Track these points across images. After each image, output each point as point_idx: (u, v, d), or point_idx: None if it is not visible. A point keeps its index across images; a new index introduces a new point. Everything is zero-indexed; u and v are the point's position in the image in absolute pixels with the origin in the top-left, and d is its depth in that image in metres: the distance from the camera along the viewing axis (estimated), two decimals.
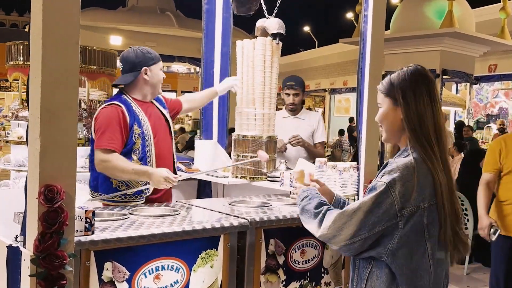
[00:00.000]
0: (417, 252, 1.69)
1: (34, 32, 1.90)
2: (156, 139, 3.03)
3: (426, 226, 1.68)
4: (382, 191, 1.68)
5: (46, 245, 1.84)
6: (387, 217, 1.67)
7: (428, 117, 1.72)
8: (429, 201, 1.68)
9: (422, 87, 1.74)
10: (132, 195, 2.92)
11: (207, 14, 4.09)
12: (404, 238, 1.67)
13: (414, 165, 1.69)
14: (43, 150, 1.86)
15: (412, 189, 1.66)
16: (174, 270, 2.30)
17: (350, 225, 1.71)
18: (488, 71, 12.75)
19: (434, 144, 1.70)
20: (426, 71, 1.81)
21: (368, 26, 2.94)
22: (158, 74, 3.08)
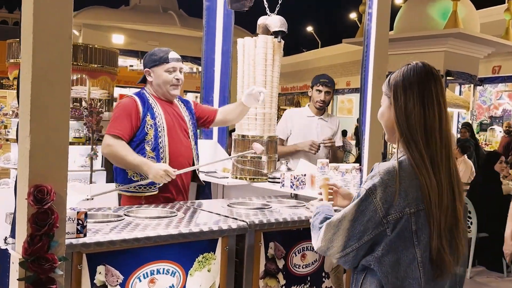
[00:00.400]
0: (406, 260, 1.59)
1: (25, 25, 1.82)
2: (171, 134, 3.05)
3: (415, 232, 1.58)
4: (363, 198, 1.62)
5: (35, 248, 1.77)
6: (373, 225, 1.60)
7: (416, 117, 1.61)
8: (416, 206, 1.58)
9: (415, 86, 1.63)
10: (146, 185, 2.97)
11: (208, 12, 4.02)
12: (390, 244, 1.59)
13: (396, 169, 1.59)
14: (33, 149, 1.79)
15: (394, 194, 1.57)
16: (169, 274, 2.22)
17: (338, 236, 1.66)
18: (492, 72, 12.64)
19: (422, 146, 1.60)
20: (428, 69, 1.68)
21: (372, 24, 2.87)
22: (161, 75, 3.06)
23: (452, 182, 1.64)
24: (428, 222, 1.58)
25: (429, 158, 1.60)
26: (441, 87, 1.69)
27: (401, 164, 1.62)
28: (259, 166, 3.39)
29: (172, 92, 3.10)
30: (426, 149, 1.60)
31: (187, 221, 2.41)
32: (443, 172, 1.62)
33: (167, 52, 3.10)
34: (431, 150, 1.62)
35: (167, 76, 3.06)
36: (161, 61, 3.07)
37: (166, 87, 3.08)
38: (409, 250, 1.59)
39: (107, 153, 2.96)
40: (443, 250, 1.59)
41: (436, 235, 1.58)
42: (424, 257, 1.60)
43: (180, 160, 3.06)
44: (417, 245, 1.59)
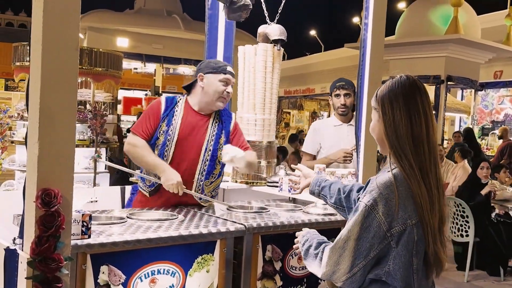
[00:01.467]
0: (408, 269, 1.66)
1: (34, 37, 1.93)
2: (180, 147, 2.99)
3: (416, 243, 1.64)
4: (366, 215, 1.64)
5: (42, 248, 1.87)
6: (378, 240, 1.64)
7: (403, 127, 1.67)
8: (416, 217, 1.64)
9: (400, 98, 1.69)
10: (149, 185, 3.06)
11: (210, 20, 4.11)
12: (397, 257, 1.64)
13: (393, 182, 1.65)
14: (41, 155, 1.89)
15: (395, 207, 1.62)
16: (170, 274, 2.32)
17: (345, 257, 1.67)
18: (493, 77, 12.71)
19: (412, 156, 1.66)
20: (412, 81, 1.74)
21: (368, 34, 2.96)
22: (214, 83, 3.00)
23: (439, 187, 1.72)
24: (423, 230, 1.64)
25: (419, 167, 1.67)
26: (426, 98, 1.75)
27: (397, 176, 1.67)
28: (258, 171, 3.48)
29: (218, 103, 3.03)
30: (415, 158, 1.67)
31: (187, 224, 2.50)
32: (432, 179, 1.69)
33: (226, 65, 3.10)
34: (420, 159, 1.68)
35: (219, 85, 3.00)
36: (219, 70, 3.02)
37: (215, 97, 3.00)
38: (409, 259, 1.66)
39: (127, 150, 3.03)
40: (439, 251, 1.68)
41: (432, 240, 1.65)
42: (419, 265, 1.67)
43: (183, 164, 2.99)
44: (415, 254, 1.65)
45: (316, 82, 20.52)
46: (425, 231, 1.65)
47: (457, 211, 5.79)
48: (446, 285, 5.47)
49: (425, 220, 1.64)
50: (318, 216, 2.85)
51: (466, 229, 5.72)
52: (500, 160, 9.62)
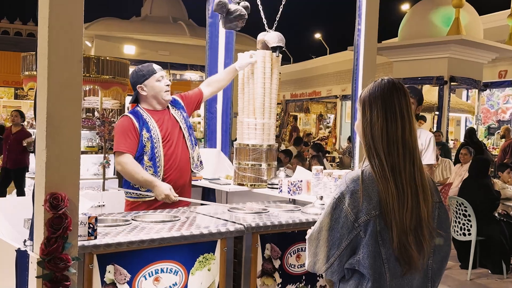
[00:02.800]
0: (377, 258, 1.76)
1: (40, 51, 2.05)
2: (167, 143, 3.34)
3: (379, 233, 1.73)
4: (334, 206, 1.77)
5: (51, 249, 1.99)
6: (347, 230, 1.74)
7: (378, 128, 1.76)
8: (379, 209, 1.74)
9: (379, 99, 1.79)
10: (145, 191, 3.27)
11: (211, 28, 4.25)
12: (366, 246, 1.74)
13: (360, 177, 1.76)
14: (48, 161, 2.01)
15: (359, 199, 1.73)
16: (172, 273, 2.43)
17: (320, 247, 1.79)
18: (498, 77, 12.74)
19: (383, 155, 1.75)
20: (391, 83, 1.83)
21: (361, 39, 3.07)
22: (154, 86, 3.36)
23: (417, 185, 1.80)
24: (385, 221, 1.74)
25: (390, 165, 1.76)
26: (405, 100, 1.84)
27: (365, 172, 1.78)
28: (259, 173, 3.60)
29: (166, 97, 3.40)
30: (387, 157, 1.76)
31: (189, 225, 2.62)
32: (405, 177, 1.77)
33: (151, 65, 3.42)
34: (393, 158, 1.77)
35: (159, 84, 3.36)
36: (150, 74, 3.35)
37: (161, 94, 3.37)
38: (376, 249, 1.76)
39: (120, 170, 3.30)
40: (409, 247, 1.74)
41: (398, 234, 1.73)
42: (388, 255, 1.76)
43: (175, 166, 3.37)
44: (381, 244, 1.75)
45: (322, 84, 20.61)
46: (390, 224, 1.73)
47: (459, 210, 5.86)
48: (449, 283, 5.55)
49: (390, 215, 1.72)
50: (315, 215, 2.95)
51: (468, 228, 5.80)
52: (503, 159, 9.67)
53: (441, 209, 1.91)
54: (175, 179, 3.36)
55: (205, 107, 4.29)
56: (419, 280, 1.86)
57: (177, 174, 3.38)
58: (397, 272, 1.78)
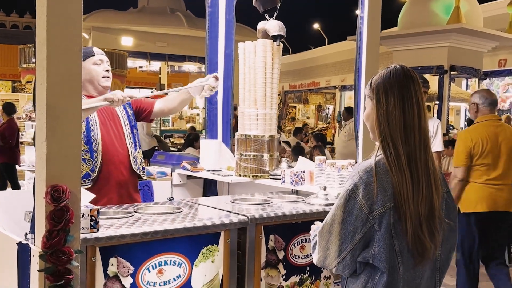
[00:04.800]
0: (391, 251, 1.72)
1: (39, 40, 2.01)
2: (104, 127, 3.07)
3: (393, 225, 1.70)
4: (347, 198, 1.72)
5: (53, 242, 1.96)
6: (361, 223, 1.70)
7: (396, 115, 1.72)
8: (394, 200, 1.70)
9: (395, 86, 1.75)
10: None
11: (211, 17, 4.19)
12: (382, 240, 1.70)
13: (373, 167, 1.72)
14: (49, 153, 1.98)
15: (374, 191, 1.69)
16: (176, 265, 2.41)
17: (332, 241, 1.74)
18: (498, 66, 12.72)
19: (400, 144, 1.72)
20: (405, 70, 1.80)
21: (364, 27, 3.03)
22: (90, 69, 3.08)
23: (429, 173, 1.78)
24: (399, 214, 1.70)
25: (407, 154, 1.73)
26: (419, 88, 1.82)
27: (379, 162, 1.74)
28: (261, 164, 3.56)
29: (104, 84, 3.14)
30: (404, 146, 1.73)
31: (192, 216, 2.59)
32: (420, 166, 1.75)
33: (91, 47, 3.15)
34: (410, 146, 1.74)
35: (96, 68, 3.10)
36: (87, 55, 3.06)
37: (98, 79, 3.10)
38: (390, 241, 1.73)
39: None
40: (423, 237, 1.71)
41: (412, 225, 1.69)
42: (402, 247, 1.73)
43: (114, 153, 3.11)
44: (395, 237, 1.71)
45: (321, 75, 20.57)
46: (404, 216, 1.70)
47: None
48: (451, 272, 5.53)
49: (404, 206, 1.69)
50: (319, 206, 2.93)
51: None
52: None
53: (449, 198, 1.88)
54: (116, 171, 3.10)
55: (205, 98, 4.24)
56: (429, 272, 1.84)
57: (118, 165, 3.12)
58: (409, 264, 1.75)
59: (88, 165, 3.02)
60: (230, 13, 4.16)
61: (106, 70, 3.13)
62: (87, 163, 3.02)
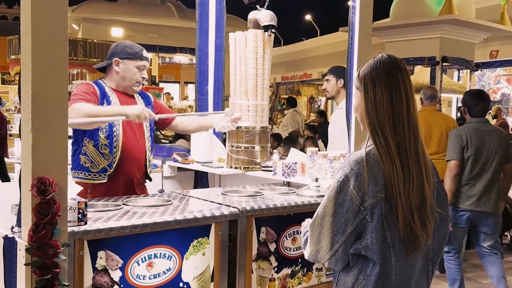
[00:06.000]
0: (383, 242, 1.70)
1: (23, 29, 1.96)
2: (125, 124, 3.05)
3: (384, 216, 1.68)
4: (338, 190, 1.69)
5: (39, 235, 1.92)
6: (353, 214, 1.68)
7: (384, 104, 1.70)
8: (385, 191, 1.68)
9: (382, 76, 1.72)
10: (96, 172, 3.02)
11: (201, 7, 4.14)
12: (374, 231, 1.68)
13: (363, 158, 1.69)
14: (35, 144, 1.93)
15: (365, 182, 1.67)
16: (166, 258, 2.37)
17: (324, 234, 1.72)
18: (489, 57, 12.69)
19: (389, 133, 1.69)
20: (392, 59, 1.77)
21: (356, 17, 2.99)
22: (131, 70, 3.09)
23: (420, 163, 1.75)
24: (391, 204, 1.68)
25: (396, 143, 1.70)
26: (407, 77, 1.79)
27: (369, 153, 1.71)
28: (252, 156, 3.53)
29: (136, 88, 3.16)
30: (393, 135, 1.70)
31: (182, 209, 2.56)
32: (410, 155, 1.72)
33: (142, 50, 3.16)
34: (399, 135, 1.71)
35: (136, 72, 3.10)
36: (136, 57, 3.09)
37: (132, 82, 3.11)
38: (382, 232, 1.71)
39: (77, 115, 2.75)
40: (414, 226, 1.69)
41: (403, 215, 1.67)
42: (393, 238, 1.71)
43: (132, 151, 3.11)
44: (386, 227, 1.69)
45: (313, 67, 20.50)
46: (395, 206, 1.67)
47: None
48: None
49: (395, 196, 1.67)
50: (311, 198, 2.91)
51: None
52: None
53: (439, 188, 1.86)
54: (132, 170, 3.11)
55: (196, 89, 4.20)
56: (421, 262, 1.83)
57: (134, 165, 3.13)
58: (401, 254, 1.73)
59: (106, 160, 3.02)
60: (221, 3, 4.11)
61: (142, 77, 3.15)
62: (105, 157, 3.02)
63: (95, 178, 3.02)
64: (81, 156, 3.02)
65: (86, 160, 3.02)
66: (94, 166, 3.02)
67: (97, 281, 2.19)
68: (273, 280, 2.76)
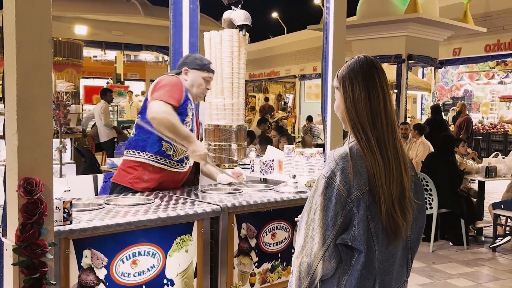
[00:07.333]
0: (368, 232, 1.78)
1: (7, 30, 1.97)
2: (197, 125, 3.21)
3: (368, 207, 1.76)
4: (325, 185, 1.76)
5: (27, 235, 1.93)
6: (341, 207, 1.74)
7: (362, 102, 1.78)
8: (368, 183, 1.76)
9: (359, 75, 1.81)
10: (176, 161, 3.09)
11: (174, 6, 4.15)
12: (361, 222, 1.75)
13: (347, 153, 1.78)
14: (20, 145, 1.94)
15: (350, 176, 1.74)
16: (150, 256, 2.41)
17: (316, 229, 1.76)
18: (452, 54, 13.02)
19: (369, 128, 1.78)
20: (368, 59, 1.86)
21: (330, 17, 3.07)
22: (198, 80, 3.18)
23: (398, 156, 1.84)
24: (374, 196, 1.76)
25: (376, 138, 1.80)
26: (383, 75, 1.88)
27: (352, 148, 1.80)
28: (229, 154, 3.58)
29: (198, 99, 3.28)
30: (372, 130, 1.80)
31: (164, 207, 2.59)
32: (390, 149, 1.82)
33: (210, 63, 3.25)
34: (378, 130, 1.81)
35: (202, 83, 3.19)
36: (204, 68, 3.19)
37: (197, 92, 3.21)
38: (367, 223, 1.79)
39: (162, 118, 2.90)
40: (396, 216, 1.78)
41: (387, 205, 1.76)
42: (377, 229, 1.80)
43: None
44: (370, 219, 1.77)
45: (281, 64, 20.64)
46: (378, 197, 1.75)
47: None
48: None
49: (378, 187, 1.75)
50: (289, 194, 2.97)
51: (430, 202, 5.96)
52: (459, 135, 9.96)
53: (417, 181, 1.96)
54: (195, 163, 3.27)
55: None
56: (401, 251, 1.92)
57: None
58: (384, 244, 1.82)
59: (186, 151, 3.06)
60: (194, 2, 4.12)
61: (207, 88, 3.24)
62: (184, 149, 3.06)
63: (174, 166, 3.09)
64: (163, 143, 3.04)
65: (169, 148, 3.07)
66: (175, 155, 3.08)
67: (82, 279, 2.21)
68: (254, 275, 2.81)
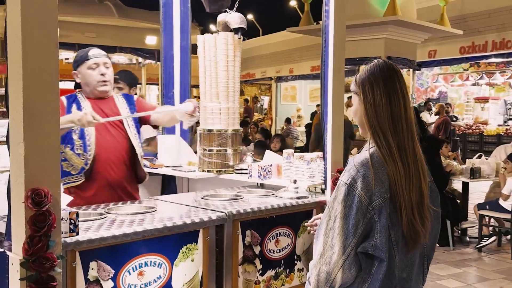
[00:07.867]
0: (388, 241, 1.75)
1: (12, 35, 1.88)
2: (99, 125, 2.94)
3: (389, 216, 1.73)
4: (346, 193, 1.73)
5: (35, 248, 1.85)
6: (362, 215, 1.71)
7: (383, 107, 1.76)
8: (390, 191, 1.74)
9: (380, 79, 1.78)
10: (76, 174, 2.97)
11: (165, 8, 4.09)
12: (383, 230, 1.72)
13: (368, 160, 1.75)
14: (27, 155, 1.86)
15: (372, 183, 1.72)
16: (156, 266, 2.34)
17: (336, 237, 1.73)
18: (428, 56, 13.19)
19: (390, 134, 1.76)
20: (388, 63, 1.85)
21: (330, 21, 3.04)
22: (85, 74, 3.06)
23: (417, 161, 1.83)
24: (395, 203, 1.73)
25: (397, 144, 1.78)
26: (402, 79, 1.87)
27: (373, 155, 1.77)
28: (225, 159, 3.52)
29: (100, 89, 3.08)
30: (393, 136, 1.77)
31: (169, 215, 2.52)
32: (410, 155, 1.80)
33: (88, 50, 3.10)
34: (398, 136, 1.79)
35: (90, 73, 3.05)
36: (82, 60, 3.06)
37: (93, 84, 3.06)
38: (388, 231, 1.76)
39: None
40: (416, 223, 1.76)
41: (406, 212, 1.74)
42: (397, 237, 1.77)
43: (107, 149, 3.05)
44: (391, 227, 1.75)
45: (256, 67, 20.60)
46: (399, 204, 1.73)
47: None
48: None
49: (399, 195, 1.73)
50: (291, 199, 2.94)
51: None
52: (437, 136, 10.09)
53: (433, 186, 1.94)
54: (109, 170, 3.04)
55: (161, 92, 4.15)
56: (418, 259, 1.90)
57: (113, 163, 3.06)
58: (403, 252, 1.80)
59: (82, 159, 2.96)
60: (185, 4, 4.07)
61: (101, 74, 3.06)
62: (81, 157, 2.96)
63: (76, 180, 2.97)
64: (62, 163, 2.93)
65: (68, 165, 2.96)
66: (74, 168, 2.97)
67: None
68: (258, 283, 2.77)
